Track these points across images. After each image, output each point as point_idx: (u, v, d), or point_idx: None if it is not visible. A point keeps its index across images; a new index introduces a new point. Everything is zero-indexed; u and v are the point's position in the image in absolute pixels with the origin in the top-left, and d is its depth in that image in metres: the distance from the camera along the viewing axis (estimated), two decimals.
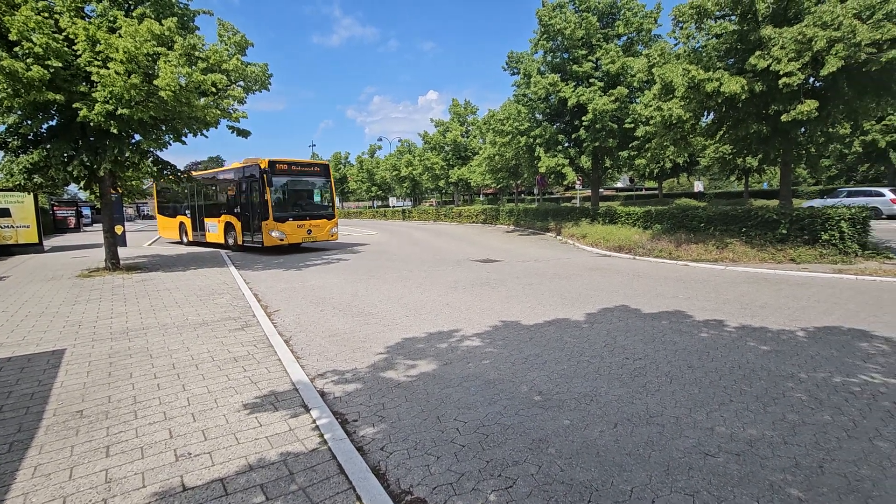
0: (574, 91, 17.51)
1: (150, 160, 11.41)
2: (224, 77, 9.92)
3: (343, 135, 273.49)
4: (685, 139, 13.43)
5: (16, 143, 10.12)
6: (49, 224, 28.52)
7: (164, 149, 10.87)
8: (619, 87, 16.62)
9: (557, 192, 55.34)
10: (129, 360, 4.88)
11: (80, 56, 8.87)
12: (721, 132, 12.92)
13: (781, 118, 10.17)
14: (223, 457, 2.99)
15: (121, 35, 8.81)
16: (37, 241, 16.61)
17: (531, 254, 13.80)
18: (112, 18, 9.37)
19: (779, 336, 5.20)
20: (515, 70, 21.75)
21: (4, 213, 15.99)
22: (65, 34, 8.90)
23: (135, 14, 9.56)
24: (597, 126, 16.92)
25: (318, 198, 16.78)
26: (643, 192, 51.85)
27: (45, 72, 8.29)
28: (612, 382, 4.05)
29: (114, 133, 9.41)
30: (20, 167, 9.71)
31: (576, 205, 26.26)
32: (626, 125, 16.87)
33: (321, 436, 3.22)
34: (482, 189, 45.04)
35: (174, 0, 10.47)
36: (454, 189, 40.04)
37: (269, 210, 14.20)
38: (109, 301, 7.92)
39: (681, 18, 11.76)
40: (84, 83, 9.28)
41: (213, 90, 10.03)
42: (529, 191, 44.96)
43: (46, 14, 8.92)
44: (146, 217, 73.03)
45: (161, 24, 9.09)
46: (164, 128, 10.55)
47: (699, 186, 42.47)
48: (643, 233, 13.93)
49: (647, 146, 15.05)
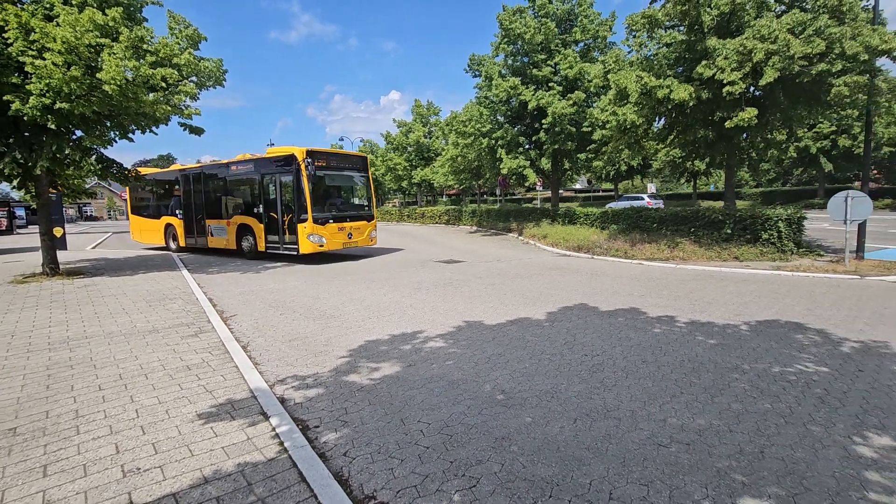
0: (534, 94, 17.89)
1: (94, 158, 10.73)
2: (175, 72, 9.46)
3: (303, 134, 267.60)
4: (639, 143, 14.00)
5: None
6: None
7: (109, 146, 10.26)
8: (577, 92, 17.13)
9: (519, 194, 56.30)
10: (70, 372, 4.57)
11: (12, 45, 8.23)
12: (672, 137, 13.57)
13: (725, 124, 10.79)
14: (176, 470, 2.86)
15: (59, 24, 8.24)
16: None
17: (494, 254, 13.98)
18: (48, 5, 8.75)
19: (724, 330, 5.51)
20: (477, 72, 21.97)
21: None
22: None
23: (74, 2, 8.96)
24: (556, 129, 17.36)
25: (357, 195, 14.60)
26: (600, 194, 53.64)
27: None
28: (572, 379, 4.17)
29: (52, 129, 8.78)
30: None
31: (537, 206, 26.79)
32: (584, 129, 17.41)
33: (281, 444, 3.13)
34: (445, 190, 45.18)
35: None
36: (417, 190, 39.97)
37: (309, 210, 11.77)
38: (47, 308, 7.38)
39: (633, 27, 12.27)
40: (17, 74, 8.61)
41: (164, 85, 9.56)
42: (492, 192, 45.53)
43: None
44: (90, 218, 68.61)
45: (105, 14, 8.57)
46: (110, 124, 9.96)
47: (652, 188, 44.39)
48: (601, 233, 14.41)
49: (604, 149, 15.60)
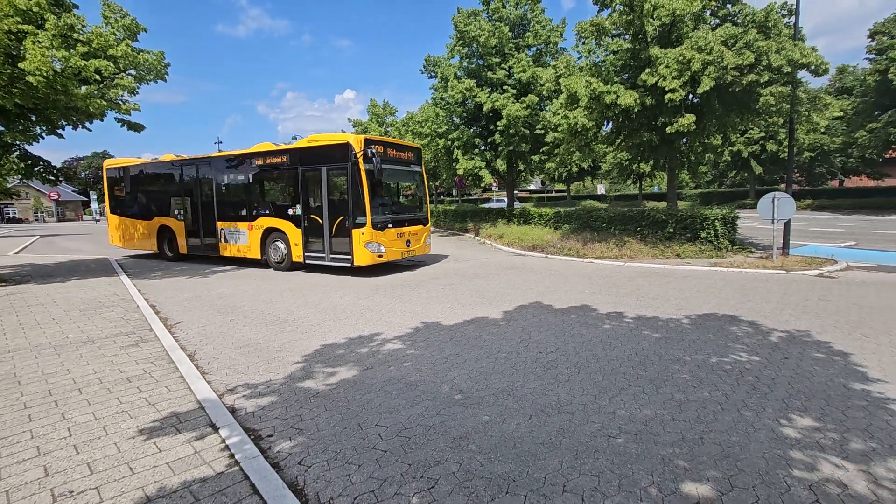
0: (489, 97, 18.16)
1: (16, 155, 9.85)
2: (111, 64, 8.88)
3: (253, 131, 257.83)
4: (589, 146, 14.55)
5: None
6: None
7: (35, 142, 9.47)
8: (531, 95, 17.54)
9: (475, 194, 56.96)
10: None
11: None
12: (619, 140, 14.19)
13: (667, 129, 11.41)
14: (114, 490, 2.68)
15: None
16: None
17: (451, 254, 14.07)
18: None
19: (668, 324, 5.83)
20: (433, 73, 22.03)
21: None
22: None
23: None
24: (511, 131, 17.70)
25: (413, 193, 12.29)
26: (553, 194, 55.26)
27: None
28: (528, 376, 4.27)
29: None
30: None
31: (493, 206, 27.20)
32: (538, 131, 17.86)
33: (232, 456, 3.01)
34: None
35: None
36: None
37: (368, 212, 9.53)
38: None
39: (583, 34, 12.74)
40: None
41: (98, 78, 8.94)
42: (448, 192, 45.75)
43: None
44: (13, 221, 62.91)
45: None
46: (35, 118, 9.19)
47: (601, 189, 46.26)
48: (554, 232, 14.85)
49: (556, 151, 16.09)
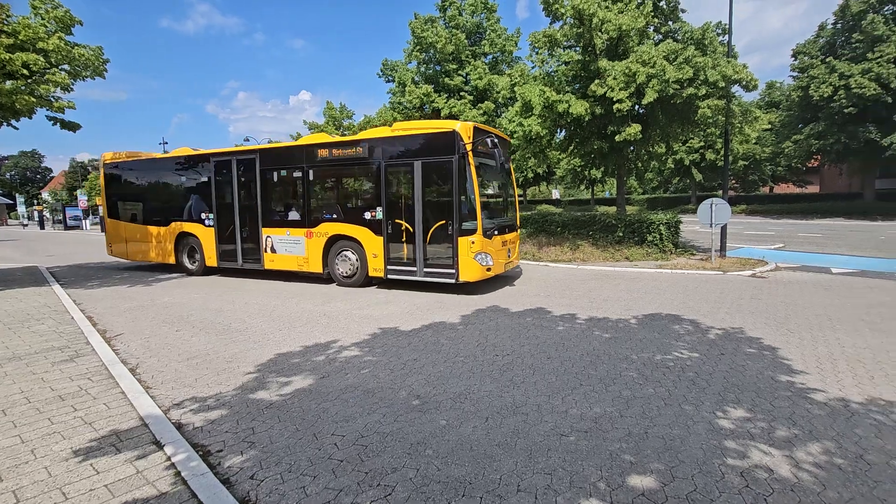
0: (447, 102, 18.38)
1: None
2: (40, 58, 8.27)
3: (203, 132, 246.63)
4: (543, 152, 15.01)
5: None
6: None
7: None
8: (487, 102, 17.92)
9: None
10: None
11: None
12: (571, 147, 14.73)
13: (616, 138, 11.98)
14: None
15: None
16: None
17: None
18: None
19: (617, 324, 6.11)
20: (391, 78, 22.02)
21: None
22: None
23: None
24: None
25: (507, 194, 10.18)
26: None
27: None
28: (484, 379, 4.35)
29: None
30: None
31: None
32: None
33: (178, 474, 2.88)
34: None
35: None
36: None
37: (479, 216, 8.00)
38: None
39: (536, 45, 13.15)
40: None
41: (26, 73, 8.29)
42: None
43: None
44: None
45: None
46: None
47: (556, 194, 47.70)
48: None
49: (512, 157, 16.44)
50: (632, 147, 13.66)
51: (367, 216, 8.99)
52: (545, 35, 12.67)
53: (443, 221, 8.29)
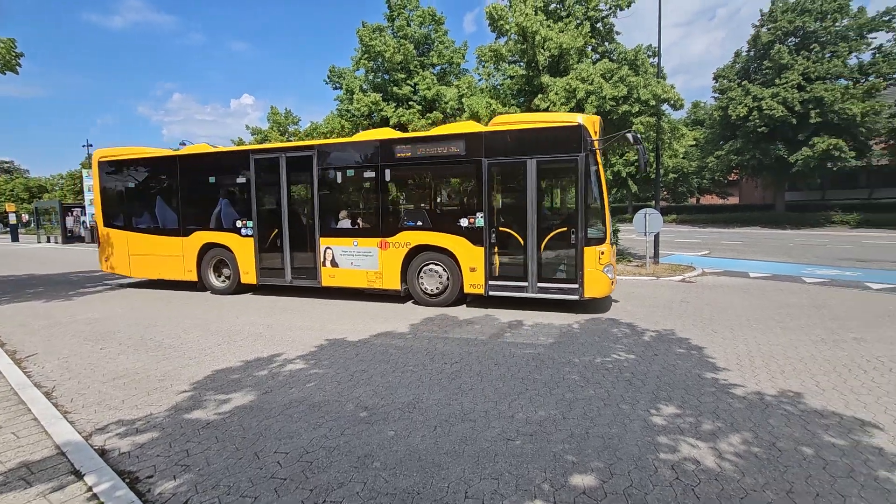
0: (395, 111, 18.39)
1: None
2: None
3: (132, 134, 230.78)
4: None
5: None
6: None
7: None
8: (436, 112, 18.11)
9: None
10: None
11: None
12: None
13: None
14: None
15: None
16: None
17: None
18: None
19: (561, 329, 6.35)
20: (338, 85, 21.72)
21: None
22: None
23: None
24: None
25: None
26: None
27: None
28: (433, 388, 4.36)
29: None
30: None
31: None
32: None
33: None
34: None
35: None
36: None
37: (608, 222, 7.20)
38: None
39: (483, 58, 13.51)
40: None
41: None
42: None
43: None
44: None
45: None
46: None
47: None
48: None
49: None
50: None
51: (464, 223, 7.73)
52: (491, 49, 13.06)
53: (563, 229, 7.26)
